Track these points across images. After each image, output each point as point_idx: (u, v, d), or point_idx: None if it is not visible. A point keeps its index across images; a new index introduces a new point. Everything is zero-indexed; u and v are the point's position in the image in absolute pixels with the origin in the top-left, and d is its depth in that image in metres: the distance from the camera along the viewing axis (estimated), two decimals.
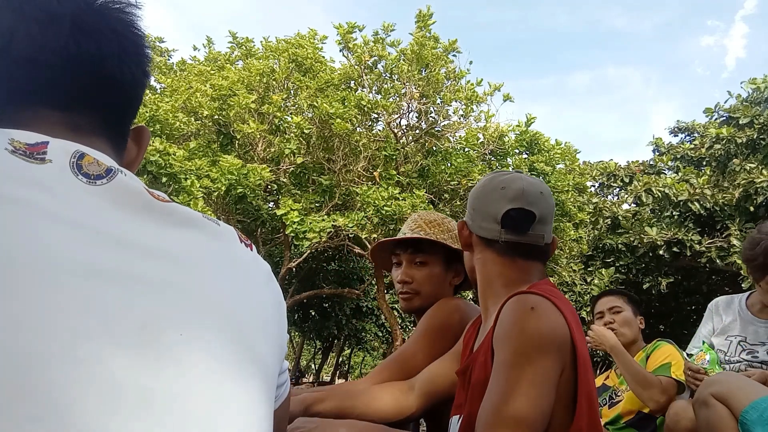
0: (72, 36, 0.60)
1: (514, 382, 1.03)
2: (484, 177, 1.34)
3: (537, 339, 1.07)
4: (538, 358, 1.05)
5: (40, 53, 0.60)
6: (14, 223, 0.50)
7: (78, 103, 0.64)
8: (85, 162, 0.57)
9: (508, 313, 1.12)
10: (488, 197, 1.28)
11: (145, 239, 0.56)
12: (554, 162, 9.81)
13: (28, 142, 0.56)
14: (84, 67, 0.62)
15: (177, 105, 8.69)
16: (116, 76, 0.65)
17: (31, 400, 0.44)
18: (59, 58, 0.60)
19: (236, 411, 0.54)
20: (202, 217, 0.62)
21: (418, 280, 1.62)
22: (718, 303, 2.40)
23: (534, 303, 1.11)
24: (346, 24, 9.37)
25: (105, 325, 0.49)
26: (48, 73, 0.60)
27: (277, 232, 9.61)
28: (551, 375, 1.06)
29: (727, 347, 2.24)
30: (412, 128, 9.76)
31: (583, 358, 1.12)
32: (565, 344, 1.10)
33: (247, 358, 0.57)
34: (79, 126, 0.64)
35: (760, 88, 10.67)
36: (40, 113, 0.62)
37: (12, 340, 0.45)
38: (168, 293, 0.54)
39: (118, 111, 0.67)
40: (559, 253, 9.75)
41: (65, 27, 0.60)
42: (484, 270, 1.28)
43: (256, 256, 0.66)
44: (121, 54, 0.65)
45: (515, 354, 1.06)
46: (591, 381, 1.16)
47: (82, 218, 0.53)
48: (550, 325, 1.09)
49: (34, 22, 0.60)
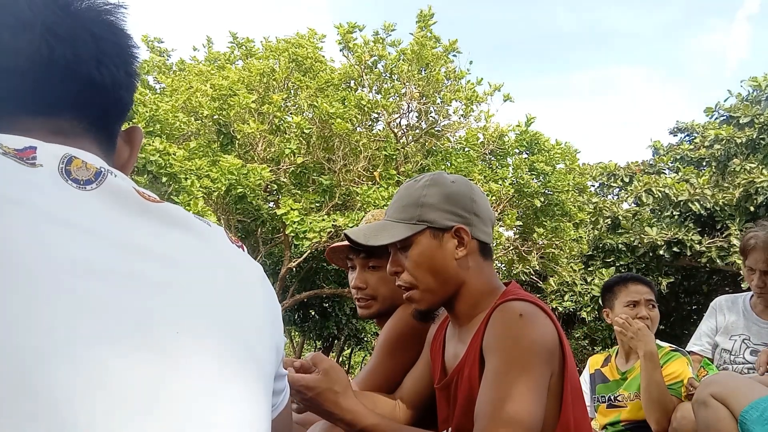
0: (44, 41, 0.60)
1: (509, 389, 1.04)
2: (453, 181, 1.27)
3: (529, 346, 1.08)
4: (531, 365, 1.07)
5: (13, 60, 0.59)
6: (13, 223, 0.50)
7: (58, 107, 0.63)
8: (73, 167, 0.57)
9: (498, 323, 1.12)
10: (483, 201, 1.28)
11: (139, 240, 0.56)
12: (554, 162, 9.80)
13: (16, 147, 0.56)
14: (59, 71, 0.62)
15: (177, 105, 8.69)
16: (95, 79, 0.64)
17: (30, 399, 0.44)
18: (33, 64, 0.60)
19: (234, 409, 0.54)
20: (193, 217, 0.62)
21: (373, 285, 1.57)
22: (722, 301, 2.41)
23: (522, 310, 1.12)
24: (347, 24, 9.37)
25: (102, 324, 0.49)
26: (23, 79, 0.60)
27: (277, 232, 9.61)
28: (543, 380, 1.08)
29: (732, 346, 2.26)
30: (412, 128, 9.76)
31: (569, 357, 1.15)
32: (554, 349, 1.13)
33: (243, 357, 0.57)
34: (63, 129, 0.63)
35: (761, 87, 10.67)
36: (21, 119, 0.61)
37: (11, 339, 0.46)
38: (163, 293, 0.54)
39: (101, 113, 0.67)
40: (559, 253, 9.75)
41: (36, 32, 0.60)
42: (480, 276, 1.25)
43: (248, 257, 0.67)
44: (100, 56, 0.64)
45: (509, 362, 1.07)
46: (576, 377, 1.18)
47: (77, 219, 0.53)
48: (540, 331, 1.11)
49: (4, 29, 0.59)
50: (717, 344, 2.34)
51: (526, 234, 9.93)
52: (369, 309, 1.60)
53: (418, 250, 1.21)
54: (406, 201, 1.24)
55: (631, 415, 2.23)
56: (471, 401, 1.12)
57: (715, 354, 2.34)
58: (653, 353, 2.05)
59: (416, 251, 1.21)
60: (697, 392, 1.74)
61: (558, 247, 9.69)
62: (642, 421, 2.20)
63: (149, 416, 0.48)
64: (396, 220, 1.23)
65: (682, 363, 2.21)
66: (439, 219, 1.21)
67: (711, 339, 2.36)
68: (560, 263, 9.85)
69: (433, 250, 1.21)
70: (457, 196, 1.24)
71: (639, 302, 2.30)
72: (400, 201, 1.26)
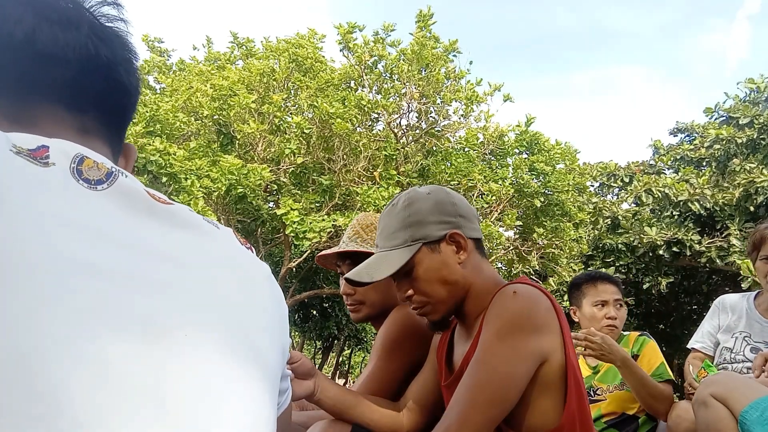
0: (90, 39, 0.64)
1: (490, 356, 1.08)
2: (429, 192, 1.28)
3: (517, 318, 1.10)
4: (516, 335, 1.08)
5: (63, 51, 0.62)
6: (21, 223, 0.50)
7: (90, 105, 0.66)
8: (84, 167, 0.58)
9: (493, 305, 1.15)
10: (461, 201, 1.30)
11: (148, 240, 0.56)
12: (554, 162, 9.80)
13: (29, 147, 0.56)
14: (99, 69, 0.65)
15: (177, 105, 8.68)
16: (124, 82, 0.68)
17: (33, 400, 0.44)
18: (79, 58, 0.63)
19: (239, 409, 0.54)
20: (202, 219, 0.63)
21: (361, 291, 1.59)
22: (725, 300, 2.41)
23: (516, 288, 1.15)
24: (347, 24, 9.37)
25: (108, 325, 0.50)
26: (68, 71, 0.63)
27: (277, 232, 9.60)
28: (529, 351, 1.09)
29: (733, 344, 2.26)
30: (412, 128, 9.76)
31: (570, 347, 1.15)
32: (548, 325, 1.13)
33: (249, 357, 0.57)
34: (86, 128, 0.66)
35: (760, 88, 10.67)
36: (52, 113, 0.63)
37: (13, 339, 0.45)
38: (171, 294, 0.54)
39: (121, 116, 0.70)
40: (559, 253, 9.74)
41: (84, 30, 0.63)
42: (483, 273, 1.26)
43: (256, 259, 0.67)
44: (128, 62, 0.69)
45: (495, 333, 1.10)
46: (578, 367, 1.18)
47: (86, 219, 0.54)
48: (530, 305, 1.12)
49: (55, 24, 0.62)
50: (719, 342, 2.34)
51: (526, 234, 9.93)
52: (359, 313, 1.62)
53: (422, 268, 1.22)
54: (393, 227, 1.25)
55: (613, 407, 2.21)
56: None
57: (717, 352, 2.34)
58: (626, 358, 2.01)
59: (421, 270, 1.22)
60: (697, 392, 1.74)
61: (558, 247, 9.69)
62: (623, 414, 2.21)
63: (153, 416, 0.48)
64: (390, 249, 1.24)
65: (653, 346, 2.25)
66: (430, 232, 1.22)
67: (713, 337, 2.37)
68: (560, 263, 9.84)
69: (436, 263, 1.22)
70: (439, 205, 1.25)
71: (608, 302, 2.31)
72: (387, 229, 1.26)
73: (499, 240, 8.95)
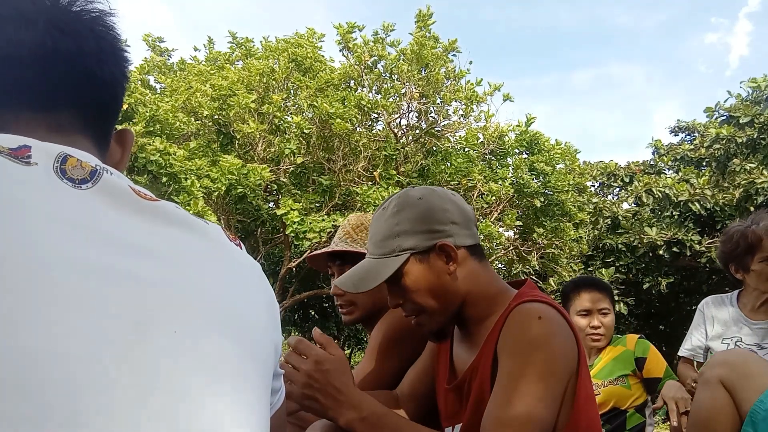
0: (48, 33, 0.61)
1: (521, 392, 1.04)
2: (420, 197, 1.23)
3: (548, 352, 1.07)
4: (547, 371, 1.06)
5: (16, 50, 0.60)
6: (7, 222, 0.50)
7: (58, 101, 0.64)
8: (68, 166, 0.57)
9: (516, 325, 1.11)
10: (456, 206, 1.25)
11: (136, 238, 0.56)
12: (554, 162, 9.79)
13: (10, 146, 0.55)
14: (62, 63, 0.62)
15: (177, 105, 8.68)
16: (96, 73, 0.65)
17: (25, 400, 0.44)
18: (36, 55, 0.60)
19: (233, 407, 0.54)
20: (190, 215, 0.63)
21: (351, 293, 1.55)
22: (709, 303, 2.35)
23: (540, 312, 1.11)
24: (346, 24, 9.37)
25: (98, 323, 0.49)
26: (27, 70, 0.61)
27: (277, 232, 9.60)
28: (559, 387, 1.07)
29: (725, 349, 2.23)
30: (412, 128, 9.76)
31: (583, 360, 1.14)
32: (572, 351, 1.12)
33: (241, 354, 0.57)
34: (61, 126, 0.64)
35: (761, 87, 10.66)
36: (21, 116, 0.62)
37: (5, 338, 0.45)
38: (160, 291, 0.54)
39: (99, 109, 0.68)
40: (559, 253, 9.74)
41: (40, 25, 0.61)
42: (480, 280, 1.23)
43: (245, 255, 0.67)
44: (99, 52, 0.65)
45: (524, 365, 1.06)
46: (590, 382, 1.18)
47: (74, 218, 0.53)
48: (559, 336, 1.10)
49: (7, 22, 0.60)
50: (708, 348, 2.30)
51: (526, 234, 9.92)
52: (351, 315, 1.60)
53: (410, 279, 1.19)
54: (382, 234, 1.22)
55: (605, 401, 2.21)
56: (482, 401, 1.11)
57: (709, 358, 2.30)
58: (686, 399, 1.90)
59: (408, 280, 1.19)
60: (705, 366, 1.61)
61: (558, 247, 9.68)
62: (614, 408, 2.20)
63: (146, 415, 0.48)
64: (378, 257, 1.21)
65: (654, 349, 2.28)
66: (418, 243, 1.18)
67: (702, 344, 2.32)
68: (560, 263, 9.84)
69: (424, 274, 1.18)
70: (429, 213, 1.20)
71: (591, 311, 2.29)
72: (376, 236, 1.23)
73: (499, 240, 8.95)
